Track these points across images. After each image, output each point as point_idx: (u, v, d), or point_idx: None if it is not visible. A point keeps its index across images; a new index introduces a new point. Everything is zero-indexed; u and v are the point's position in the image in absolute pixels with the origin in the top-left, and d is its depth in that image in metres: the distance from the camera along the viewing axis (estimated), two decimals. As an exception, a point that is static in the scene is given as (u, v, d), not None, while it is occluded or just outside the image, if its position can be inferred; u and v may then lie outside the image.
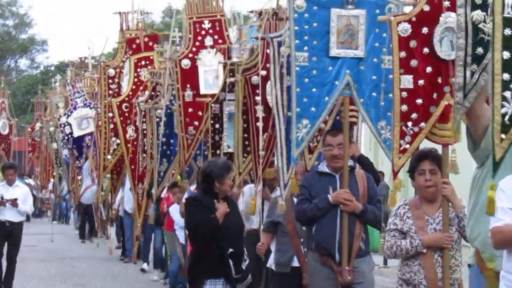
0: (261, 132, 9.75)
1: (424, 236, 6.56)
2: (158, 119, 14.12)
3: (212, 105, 11.47)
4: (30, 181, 33.62)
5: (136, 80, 16.66)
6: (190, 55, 12.45)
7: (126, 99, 16.76)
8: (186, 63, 12.41)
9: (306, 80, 7.28)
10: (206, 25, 12.50)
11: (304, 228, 8.19)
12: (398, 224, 6.66)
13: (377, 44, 7.40)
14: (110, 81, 17.61)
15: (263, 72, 9.92)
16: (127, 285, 15.79)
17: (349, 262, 7.42)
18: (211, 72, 12.15)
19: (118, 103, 16.79)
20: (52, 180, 29.79)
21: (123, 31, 17.64)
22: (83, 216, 24.41)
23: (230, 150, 11.07)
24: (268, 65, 9.92)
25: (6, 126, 25.38)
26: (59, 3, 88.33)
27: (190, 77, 12.32)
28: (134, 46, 16.89)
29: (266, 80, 9.83)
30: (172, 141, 13.96)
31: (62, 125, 22.26)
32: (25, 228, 14.73)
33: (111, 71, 17.35)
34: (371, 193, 7.64)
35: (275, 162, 9.15)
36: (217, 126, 11.40)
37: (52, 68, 53.79)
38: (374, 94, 7.39)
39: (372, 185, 7.68)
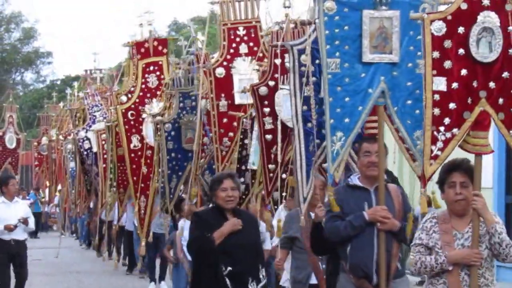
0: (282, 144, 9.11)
1: (450, 252, 5.92)
2: (166, 133, 13.40)
3: (244, 120, 10.88)
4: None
5: (143, 86, 15.62)
6: (225, 63, 11.67)
7: (133, 106, 15.65)
8: (220, 71, 11.62)
9: (339, 88, 6.56)
10: (241, 31, 11.70)
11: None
12: (424, 238, 6.03)
13: (411, 48, 6.70)
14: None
15: (272, 83, 9.40)
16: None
17: (387, 285, 6.67)
18: (246, 81, 11.20)
19: (123, 110, 15.70)
20: (58, 194, 29.26)
21: (133, 59, 16.28)
22: (99, 233, 23.08)
23: (254, 167, 10.50)
24: (276, 75, 9.50)
25: (13, 140, 24.94)
26: (64, 16, 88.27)
27: (224, 86, 11.53)
28: (142, 50, 15.68)
29: (274, 90, 9.35)
30: (179, 156, 13.32)
31: (81, 140, 21.15)
32: (30, 242, 14.07)
33: (124, 98, 15.99)
34: (406, 209, 6.88)
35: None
36: (246, 141, 10.79)
37: (58, 82, 53.38)
38: (409, 102, 6.70)
39: (407, 200, 6.95)
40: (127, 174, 16.50)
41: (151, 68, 15.56)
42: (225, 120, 11.50)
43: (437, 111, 6.02)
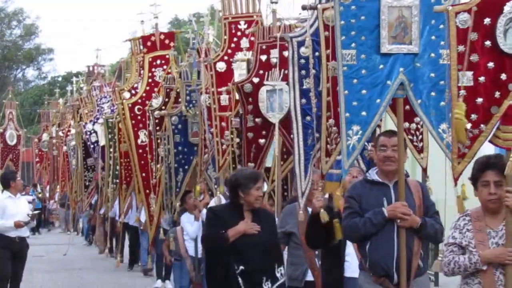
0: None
1: (483, 251, 5.64)
2: (173, 127, 13.09)
3: (232, 119, 10.56)
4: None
5: (150, 80, 15.19)
6: (226, 57, 11.40)
7: (139, 101, 15.21)
8: (221, 66, 11.33)
9: (355, 81, 6.24)
10: (242, 25, 11.40)
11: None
12: (457, 237, 5.75)
13: (434, 38, 6.35)
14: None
15: (256, 79, 9.20)
16: (133, 295, 15.32)
17: (408, 283, 6.36)
18: (246, 76, 11.00)
19: (130, 105, 15.26)
20: (58, 191, 28.98)
21: (135, 54, 15.89)
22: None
23: (251, 164, 10.06)
24: (261, 71, 9.26)
25: (13, 137, 24.71)
26: (65, 13, 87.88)
27: (225, 80, 11.18)
28: (149, 44, 15.26)
29: (258, 87, 9.13)
30: (186, 149, 13.02)
31: (88, 133, 20.51)
32: (32, 238, 13.80)
33: (127, 95, 15.64)
34: (427, 204, 6.53)
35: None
36: (237, 140, 10.42)
37: (60, 79, 53.07)
38: (433, 93, 6.36)
39: (427, 195, 6.60)
40: (130, 170, 16.21)
41: (158, 62, 15.16)
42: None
43: None
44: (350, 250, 7.24)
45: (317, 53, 7.53)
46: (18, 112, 27.20)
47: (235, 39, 11.43)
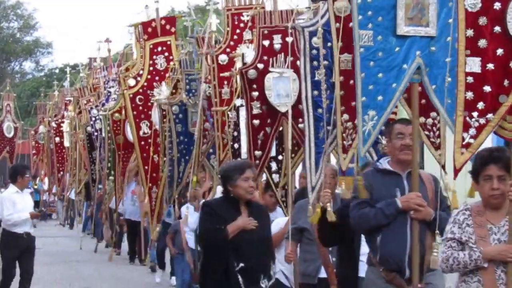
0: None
1: (485, 248, 5.29)
2: (174, 116, 12.73)
3: (229, 113, 10.30)
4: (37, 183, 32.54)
5: (151, 69, 14.56)
6: (228, 50, 11.06)
7: (141, 90, 14.58)
8: (223, 58, 11.01)
9: (371, 63, 5.92)
10: (245, 17, 11.02)
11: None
12: (456, 232, 5.40)
13: (450, 21, 6.02)
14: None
15: (261, 65, 8.89)
16: (131, 287, 15.03)
17: (421, 279, 6.03)
18: None
19: (131, 96, 14.64)
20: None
21: (138, 40, 15.30)
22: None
23: (258, 153, 9.72)
24: (265, 57, 8.96)
25: (11, 129, 24.50)
26: (64, 6, 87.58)
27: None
28: (149, 30, 14.57)
29: (263, 74, 8.86)
30: (186, 139, 12.69)
31: (93, 118, 19.64)
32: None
33: (131, 82, 15.03)
34: (440, 197, 6.19)
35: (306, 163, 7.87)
36: (235, 134, 10.20)
37: (57, 71, 52.76)
38: (449, 79, 5.99)
39: (439, 187, 6.27)
40: (127, 163, 15.87)
41: (159, 49, 14.51)
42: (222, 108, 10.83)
43: (470, 94, 5.48)
44: (366, 250, 6.79)
45: (329, 44, 7.28)
46: (16, 104, 26.96)
47: (237, 30, 11.11)
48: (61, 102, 26.98)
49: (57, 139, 25.66)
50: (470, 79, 5.46)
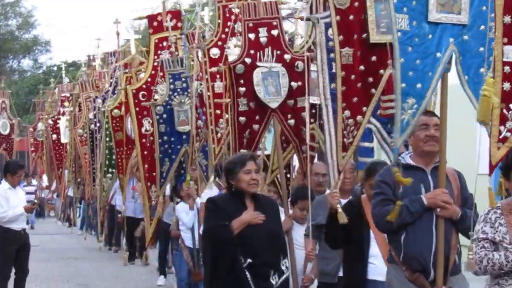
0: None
1: None
2: (158, 116, 12.50)
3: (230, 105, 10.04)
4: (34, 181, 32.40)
5: (156, 64, 13.91)
6: (219, 43, 10.77)
7: (144, 86, 14.03)
8: (215, 52, 10.73)
9: (410, 49, 5.55)
10: (236, 10, 10.49)
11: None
12: (489, 232, 5.13)
13: (484, 8, 5.66)
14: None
15: (248, 60, 8.59)
16: (130, 285, 14.84)
17: (445, 281, 5.69)
18: None
19: (134, 91, 14.11)
20: (55, 180, 28.55)
21: (150, 35, 14.73)
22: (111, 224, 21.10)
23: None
24: (252, 51, 8.64)
25: (6, 126, 24.32)
26: (63, 5, 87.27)
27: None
28: (155, 24, 14.03)
29: (252, 68, 8.55)
30: (173, 139, 12.47)
31: (97, 108, 18.97)
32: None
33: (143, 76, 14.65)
34: (466, 194, 5.86)
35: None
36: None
37: (55, 68, 52.58)
38: (482, 70, 5.63)
39: (465, 184, 5.92)
40: (127, 160, 15.65)
41: (164, 43, 13.85)
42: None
43: (507, 85, 5.22)
44: (375, 251, 6.54)
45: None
46: (12, 101, 26.80)
47: (229, 23, 10.79)
48: (58, 99, 26.80)
49: (54, 136, 25.43)
50: (507, 69, 5.21)
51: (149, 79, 14.10)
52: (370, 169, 6.66)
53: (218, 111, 10.59)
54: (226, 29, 10.85)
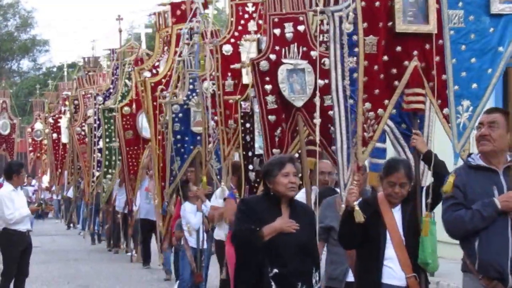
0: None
1: None
2: (174, 115, 12.17)
3: (242, 103, 9.68)
4: (33, 181, 32.14)
5: (176, 56, 13.27)
6: (232, 40, 10.38)
7: (163, 80, 13.43)
8: (227, 49, 10.33)
9: (463, 47, 5.25)
10: (250, 8, 10.42)
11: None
12: None
13: None
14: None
15: (273, 56, 8.24)
16: (130, 286, 14.67)
17: None
18: None
19: (153, 84, 13.48)
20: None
21: (159, 31, 14.30)
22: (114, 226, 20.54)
23: (276, 151, 9.01)
24: (277, 47, 8.27)
25: (7, 126, 24.11)
26: (62, 6, 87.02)
27: (231, 64, 10.18)
28: (178, 13, 13.42)
29: (276, 65, 8.21)
30: (186, 138, 12.14)
31: (98, 105, 18.51)
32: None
33: (147, 75, 14.24)
34: None
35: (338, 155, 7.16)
36: (247, 125, 9.57)
37: (55, 70, 52.38)
38: None
39: None
40: (137, 159, 15.32)
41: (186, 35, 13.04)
42: (231, 101, 10.15)
43: None
44: (391, 253, 6.13)
45: None
46: (13, 102, 26.58)
47: (242, 21, 10.49)
48: (59, 97, 26.54)
49: (54, 135, 25.10)
50: None
51: (168, 73, 13.53)
52: (390, 166, 6.23)
53: (228, 112, 10.21)
54: (239, 27, 10.53)
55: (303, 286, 5.88)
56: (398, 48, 6.17)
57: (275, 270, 5.83)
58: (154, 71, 14.01)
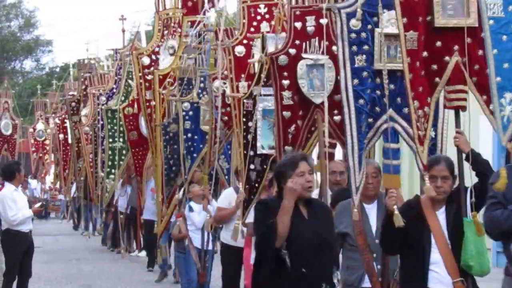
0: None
1: None
2: (184, 113, 11.97)
3: (245, 100, 9.43)
4: (34, 182, 32.07)
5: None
6: (245, 41, 10.18)
7: (172, 74, 12.97)
8: (240, 50, 10.15)
9: (504, 37, 5.02)
10: (262, 9, 10.19)
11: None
12: None
13: None
14: (146, 70, 13.82)
15: (292, 51, 7.97)
16: (132, 286, 14.69)
17: None
18: None
19: (161, 77, 13.10)
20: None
21: (159, 12, 13.78)
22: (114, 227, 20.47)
23: (264, 151, 9.10)
24: (297, 41, 7.98)
25: (9, 126, 24.02)
26: (64, 6, 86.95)
27: (244, 66, 9.97)
28: (189, 4, 12.95)
29: (295, 60, 7.95)
30: (196, 137, 11.96)
31: (102, 105, 18.11)
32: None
33: (146, 60, 13.88)
34: None
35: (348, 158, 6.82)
36: (250, 124, 9.30)
37: (57, 70, 52.31)
38: None
39: None
40: (143, 160, 15.18)
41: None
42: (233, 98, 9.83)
43: None
44: (436, 257, 5.90)
45: (369, 26, 6.43)
46: (15, 102, 26.47)
47: (254, 23, 10.28)
48: (65, 97, 26.33)
49: (61, 136, 24.91)
50: None
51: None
52: (431, 160, 6.07)
53: (230, 110, 10.14)
54: (252, 29, 10.32)
55: (326, 286, 5.69)
56: (438, 43, 5.98)
57: (302, 270, 5.60)
58: (153, 56, 13.56)
